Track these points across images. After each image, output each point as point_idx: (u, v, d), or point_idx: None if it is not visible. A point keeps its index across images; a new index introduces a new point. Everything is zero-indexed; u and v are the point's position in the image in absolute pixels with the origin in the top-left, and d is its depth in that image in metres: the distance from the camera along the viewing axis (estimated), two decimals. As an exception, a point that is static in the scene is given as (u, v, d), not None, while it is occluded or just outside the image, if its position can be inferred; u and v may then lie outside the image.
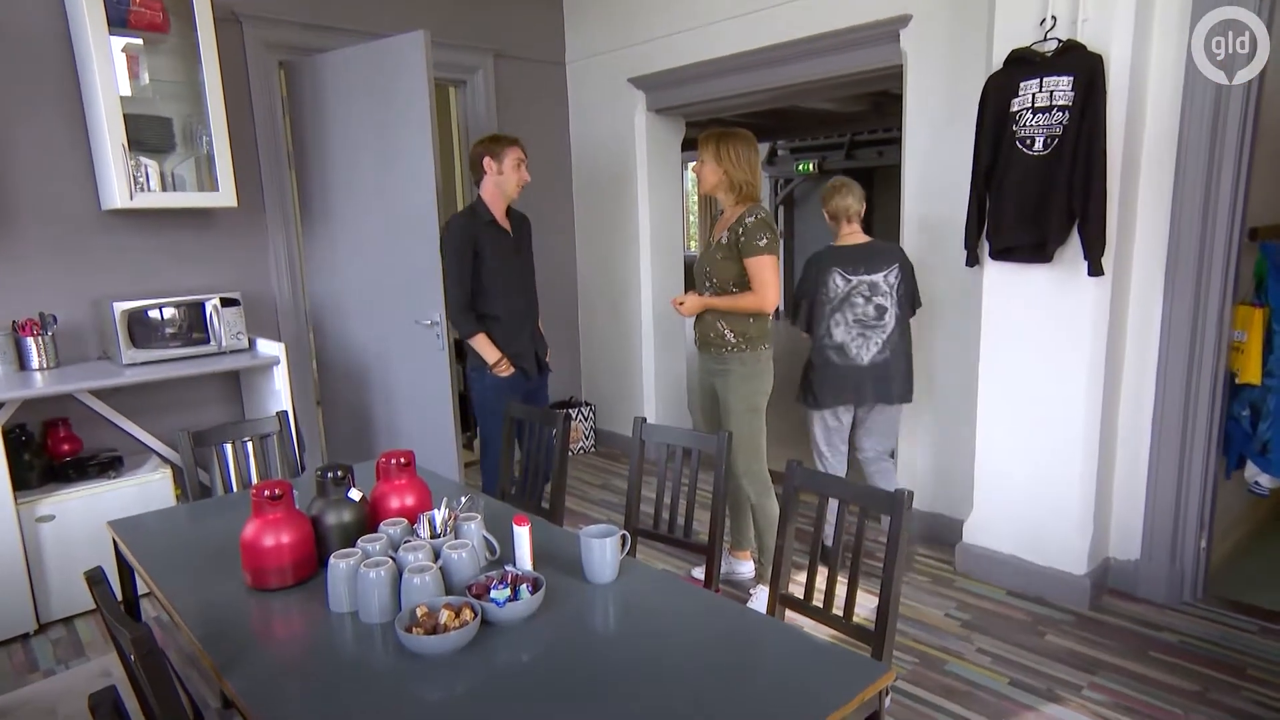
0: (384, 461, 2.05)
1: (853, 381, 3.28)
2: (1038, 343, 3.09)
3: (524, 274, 3.47)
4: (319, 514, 1.89)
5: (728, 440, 2.29)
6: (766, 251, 2.90)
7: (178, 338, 3.43)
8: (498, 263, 3.35)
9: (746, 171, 2.99)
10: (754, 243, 2.90)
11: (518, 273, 3.42)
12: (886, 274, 3.28)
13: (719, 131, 3.02)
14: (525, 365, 3.43)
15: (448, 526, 1.87)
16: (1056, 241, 2.91)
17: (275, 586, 1.79)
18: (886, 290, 3.27)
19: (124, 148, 3.22)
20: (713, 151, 2.99)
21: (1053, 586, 3.17)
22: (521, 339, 3.43)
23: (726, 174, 2.99)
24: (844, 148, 10.69)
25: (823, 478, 2.01)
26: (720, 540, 2.26)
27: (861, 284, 3.27)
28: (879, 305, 3.27)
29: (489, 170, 3.34)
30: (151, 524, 2.26)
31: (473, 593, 1.66)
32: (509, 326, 3.40)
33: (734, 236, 2.94)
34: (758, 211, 2.94)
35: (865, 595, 2.98)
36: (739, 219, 2.94)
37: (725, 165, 2.98)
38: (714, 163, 2.99)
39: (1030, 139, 2.89)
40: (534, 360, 3.47)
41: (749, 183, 3.00)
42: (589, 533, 1.81)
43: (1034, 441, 3.16)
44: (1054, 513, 3.15)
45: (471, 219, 3.35)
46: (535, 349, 3.48)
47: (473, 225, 3.33)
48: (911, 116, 3.57)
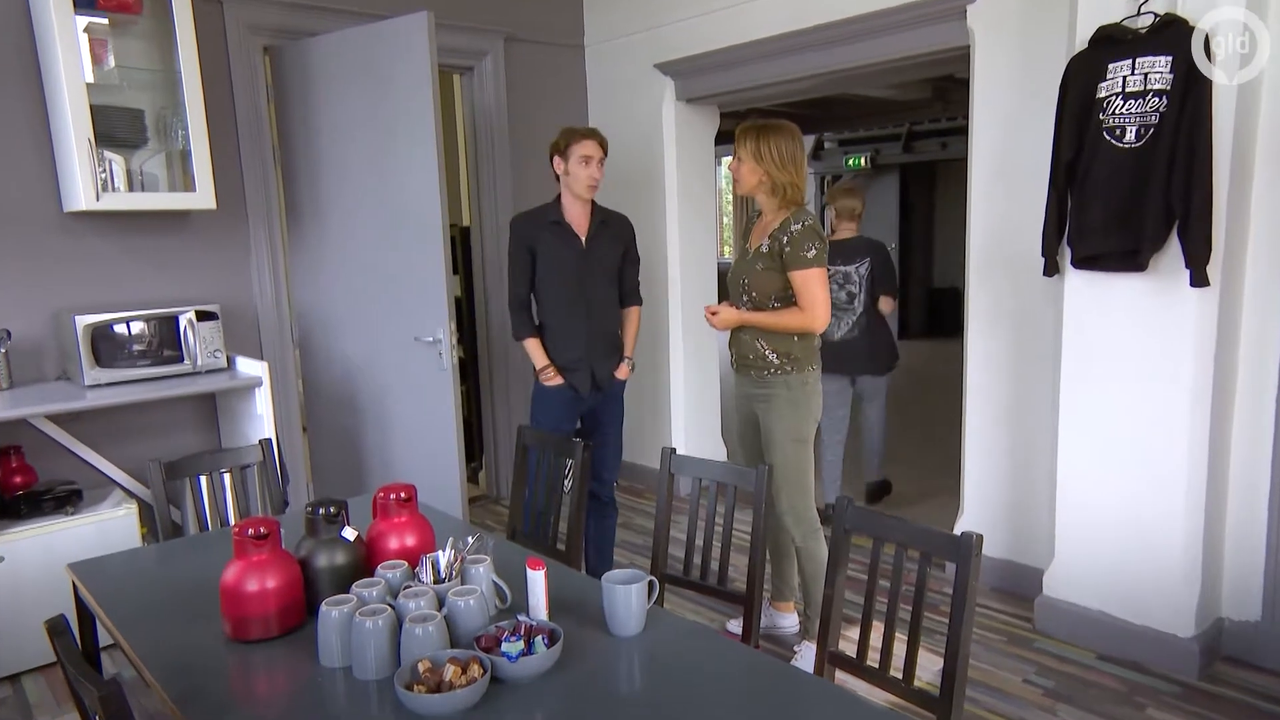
0: (382, 496, 2.06)
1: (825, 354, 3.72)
2: (1130, 365, 3.07)
3: (591, 283, 3.45)
4: (309, 555, 1.90)
5: (768, 474, 2.28)
6: (816, 264, 2.89)
7: (147, 356, 3.49)
8: (554, 267, 3.41)
9: (791, 171, 2.96)
10: (801, 254, 2.89)
11: (578, 280, 3.43)
12: (859, 266, 4.42)
13: (758, 124, 2.99)
14: (575, 381, 3.46)
15: (453, 570, 1.87)
16: (1152, 247, 2.88)
17: (258, 638, 1.80)
18: (857, 280, 4.44)
19: (89, 142, 3.28)
20: (751, 148, 2.96)
21: (1153, 651, 3.12)
22: (571, 350, 3.45)
23: (767, 174, 2.96)
24: (901, 139, 10.68)
25: (877, 517, 2.00)
26: (760, 589, 2.25)
27: (837, 274, 4.43)
28: (850, 292, 4.47)
29: (558, 169, 3.40)
30: (116, 567, 2.29)
31: (481, 645, 1.66)
32: (557, 335, 3.45)
33: (776, 245, 2.94)
34: (804, 218, 2.93)
35: (929, 655, 2.95)
36: (783, 225, 2.94)
37: (766, 164, 2.95)
38: (753, 161, 2.97)
39: (1120, 129, 2.88)
40: (589, 377, 3.48)
41: (793, 184, 2.97)
42: (613, 578, 1.81)
43: (1127, 479, 3.13)
44: (1153, 563, 3.10)
45: (534, 217, 3.44)
46: (593, 365, 3.48)
47: (532, 225, 3.41)
48: (980, 104, 3.57)
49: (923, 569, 1.89)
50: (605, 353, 3.51)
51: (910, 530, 1.94)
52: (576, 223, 3.43)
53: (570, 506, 2.68)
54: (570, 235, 3.41)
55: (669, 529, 2.49)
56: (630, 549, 4.31)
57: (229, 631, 1.82)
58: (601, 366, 3.50)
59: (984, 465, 3.77)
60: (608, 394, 3.56)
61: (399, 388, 4.04)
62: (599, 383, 3.51)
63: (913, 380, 9.03)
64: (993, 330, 3.62)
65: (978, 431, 3.76)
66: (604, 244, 3.48)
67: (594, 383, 3.49)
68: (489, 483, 5.31)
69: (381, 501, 2.07)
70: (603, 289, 3.49)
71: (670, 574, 2.46)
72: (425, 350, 3.89)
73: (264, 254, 4.11)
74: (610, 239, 3.50)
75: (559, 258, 3.41)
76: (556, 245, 3.40)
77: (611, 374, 3.53)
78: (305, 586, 1.88)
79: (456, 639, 1.72)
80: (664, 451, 2.52)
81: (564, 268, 3.41)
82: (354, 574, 1.91)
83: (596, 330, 3.48)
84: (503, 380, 5.12)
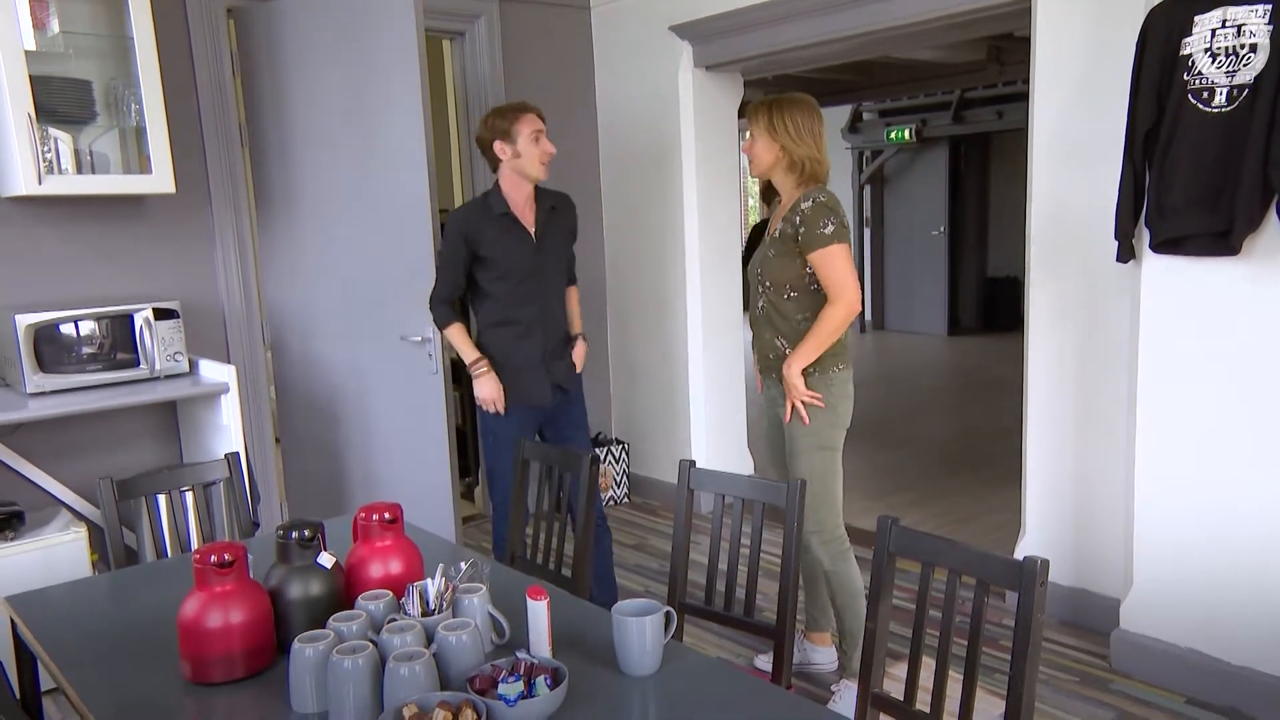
0: (363, 518, 2.05)
1: None
2: (1220, 365, 3.03)
3: (545, 278, 3.51)
4: (280, 586, 1.90)
5: (801, 489, 2.27)
6: (835, 240, 2.92)
7: (98, 359, 3.49)
8: (507, 266, 3.41)
9: (810, 145, 3.02)
10: (817, 231, 2.92)
11: (535, 277, 3.47)
12: None
13: (770, 99, 3.06)
14: (532, 392, 3.49)
15: (444, 601, 1.87)
16: (1247, 227, 2.84)
17: (222, 680, 1.79)
18: None
19: (29, 117, 3.29)
20: (765, 124, 3.03)
21: (1252, 694, 3.07)
22: (523, 356, 3.48)
23: (784, 150, 3.02)
24: (951, 108, 10.65)
25: (926, 539, 1.98)
26: (793, 620, 2.23)
27: None
28: None
29: (503, 155, 3.40)
30: (61, 599, 2.29)
31: (475, 687, 1.65)
32: (505, 340, 3.47)
33: (790, 228, 2.98)
34: (815, 194, 2.97)
35: (988, 697, 2.93)
36: (794, 205, 2.99)
37: (782, 139, 3.01)
38: (767, 137, 3.03)
39: (1209, 91, 2.85)
40: (546, 383, 3.51)
41: (813, 158, 3.03)
42: (624, 609, 1.81)
43: (1218, 496, 3.09)
44: (1251, 593, 3.06)
45: (478, 211, 3.43)
46: (549, 369, 3.51)
47: (477, 219, 3.41)
48: (1043, 65, 3.55)
49: (979, 598, 1.87)
50: (559, 351, 3.57)
51: (964, 554, 1.92)
52: (523, 214, 3.45)
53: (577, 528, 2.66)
54: (520, 231, 3.43)
55: (688, 552, 2.48)
56: (645, 574, 4.30)
57: (188, 673, 1.80)
58: (558, 367, 3.55)
59: (1049, 480, 3.74)
60: (570, 395, 3.61)
61: (384, 394, 4.04)
62: (561, 384, 3.56)
63: (966, 382, 9.01)
64: (1058, 325, 3.59)
65: (1041, 440, 3.72)
66: (555, 235, 3.54)
67: (553, 386, 3.53)
68: (485, 501, 5.30)
69: (363, 523, 2.06)
70: (556, 285, 3.56)
71: (690, 603, 2.45)
72: (413, 351, 3.88)
73: (230, 244, 4.11)
74: (558, 226, 3.56)
75: (512, 257, 3.42)
76: (507, 242, 3.41)
77: (570, 367, 3.59)
78: (276, 621, 1.87)
79: (447, 680, 1.71)
80: (681, 465, 2.51)
81: (518, 267, 3.43)
82: (331, 606, 1.90)
83: (551, 328, 3.53)
84: (500, 385, 5.10)
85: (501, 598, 2.05)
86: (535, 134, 3.38)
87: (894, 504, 5.19)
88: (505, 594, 2.11)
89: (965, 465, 5.98)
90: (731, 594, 2.42)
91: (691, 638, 3.59)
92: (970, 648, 1.85)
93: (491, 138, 3.40)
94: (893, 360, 10.55)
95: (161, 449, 4.00)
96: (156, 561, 2.62)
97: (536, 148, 3.38)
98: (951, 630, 1.90)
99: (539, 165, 3.40)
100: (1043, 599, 1.75)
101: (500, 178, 3.45)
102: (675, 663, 1.83)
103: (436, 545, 2.52)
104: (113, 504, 2.60)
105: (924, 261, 11.79)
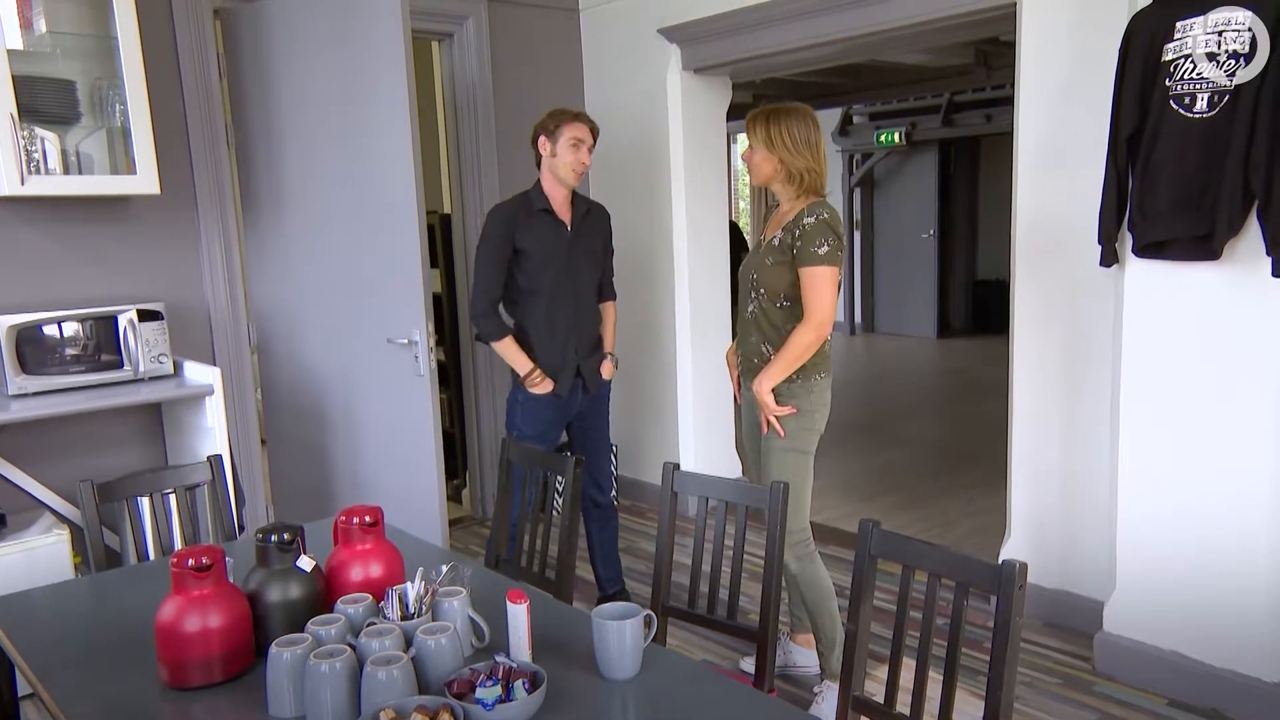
0: (344, 521, 2.05)
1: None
2: (1201, 367, 3.04)
3: (579, 277, 3.61)
4: (259, 589, 1.89)
5: (783, 493, 2.28)
6: (826, 262, 2.95)
7: (81, 361, 3.48)
8: (543, 261, 3.51)
9: (808, 156, 3.05)
10: (812, 249, 2.95)
11: (570, 275, 3.57)
12: None
13: (768, 109, 3.08)
14: (564, 386, 3.57)
15: (423, 604, 1.87)
16: (1228, 232, 2.86)
17: (200, 684, 1.78)
18: None
19: (13, 118, 3.27)
20: (763, 135, 3.06)
21: (1234, 696, 3.09)
22: (558, 352, 3.57)
23: (782, 162, 3.06)
24: (941, 111, 10.68)
25: (907, 542, 1.98)
26: (775, 622, 2.24)
27: None
28: None
29: (543, 150, 3.51)
30: (41, 602, 2.28)
31: (453, 691, 1.65)
32: (542, 336, 3.55)
33: (789, 239, 3.02)
34: (820, 211, 3.00)
35: (969, 699, 2.93)
36: (797, 217, 3.01)
37: (780, 152, 3.04)
38: (765, 149, 3.07)
39: (1190, 96, 2.86)
40: (572, 380, 3.60)
41: (811, 170, 3.06)
42: (604, 613, 1.81)
43: (1200, 499, 3.10)
44: (1234, 595, 3.07)
45: (519, 206, 3.53)
46: (580, 365, 3.62)
47: (518, 214, 3.50)
48: (1027, 70, 3.56)
49: (959, 600, 1.88)
50: (590, 351, 3.67)
51: (944, 557, 1.93)
52: (561, 210, 3.56)
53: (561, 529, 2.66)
54: (558, 224, 3.55)
55: (672, 554, 2.48)
56: (631, 576, 4.29)
57: (166, 678, 1.80)
58: (588, 366, 3.65)
59: (1033, 483, 3.75)
60: (595, 396, 3.71)
61: (371, 396, 4.02)
62: (588, 384, 3.65)
63: (955, 384, 9.02)
64: (1043, 328, 3.60)
65: (1026, 443, 3.74)
66: (588, 234, 3.65)
67: (583, 385, 3.63)
68: (474, 502, 5.30)
69: (343, 526, 2.06)
70: (588, 283, 3.66)
71: (673, 605, 2.46)
72: (400, 353, 3.87)
73: (216, 245, 4.10)
74: (592, 229, 3.67)
75: (548, 249, 3.52)
76: (545, 235, 3.52)
77: (598, 373, 3.69)
78: (254, 625, 1.87)
79: (425, 684, 1.70)
80: (665, 468, 2.51)
81: (554, 260, 3.53)
82: (310, 610, 1.90)
83: (584, 328, 3.64)
84: (488, 387, 5.11)
85: (483, 601, 2.05)
86: (575, 141, 3.48)
87: (883, 506, 5.20)
88: (485, 597, 2.10)
89: (954, 467, 5.99)
90: (715, 596, 2.43)
91: (678, 640, 3.60)
92: (950, 650, 1.86)
93: (539, 133, 3.51)
94: (882, 362, 10.56)
95: (146, 451, 3.98)
96: (137, 565, 2.60)
97: (573, 154, 3.48)
98: (932, 633, 1.91)
99: (570, 171, 3.49)
100: (1021, 602, 1.76)
101: (541, 176, 3.56)
102: (655, 666, 1.83)
103: (419, 549, 2.52)
104: (93, 507, 2.59)
105: (914, 264, 11.80)
